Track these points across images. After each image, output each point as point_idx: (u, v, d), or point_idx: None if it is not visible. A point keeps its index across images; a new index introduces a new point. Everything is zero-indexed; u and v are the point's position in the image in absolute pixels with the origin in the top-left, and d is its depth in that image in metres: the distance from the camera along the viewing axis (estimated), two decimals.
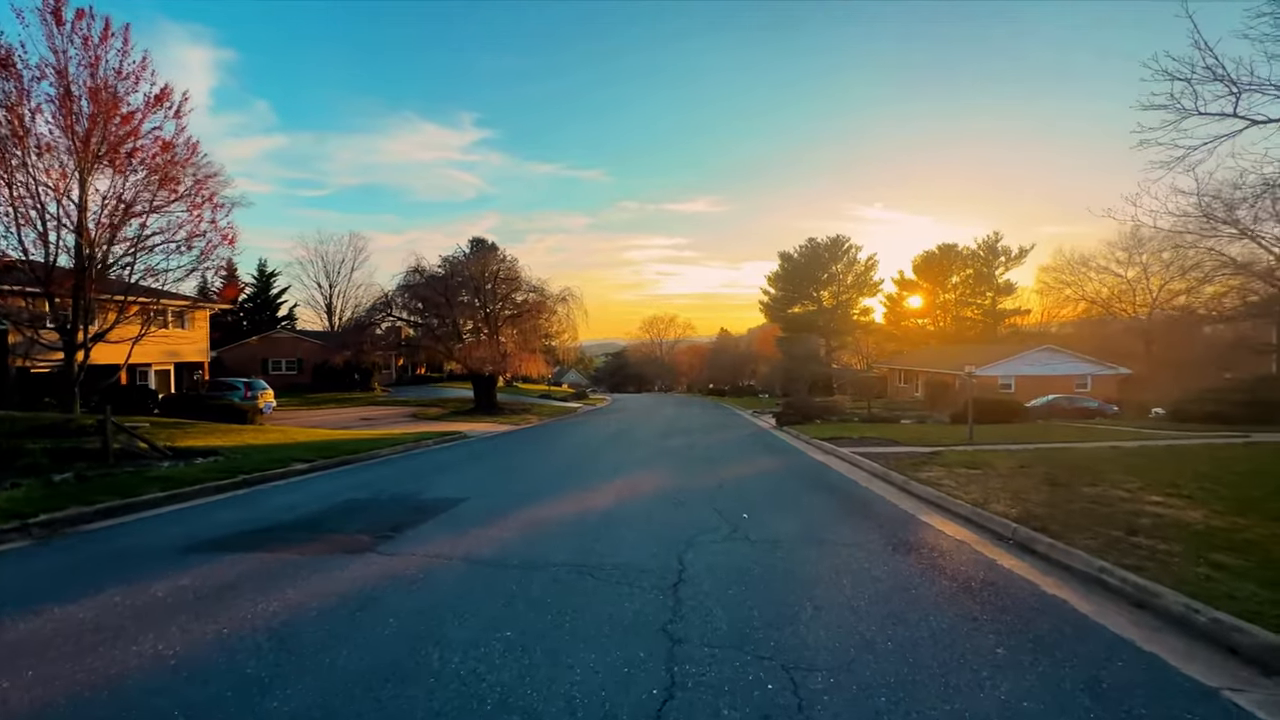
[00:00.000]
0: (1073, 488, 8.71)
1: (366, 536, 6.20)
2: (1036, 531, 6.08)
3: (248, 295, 57.34)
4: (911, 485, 9.35)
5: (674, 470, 11.07)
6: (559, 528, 6.49)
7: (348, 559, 5.32)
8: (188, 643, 3.58)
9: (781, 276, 64.84)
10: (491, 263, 32.68)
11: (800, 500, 8.29)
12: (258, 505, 8.13)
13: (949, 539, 6.21)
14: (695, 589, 4.51)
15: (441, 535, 6.18)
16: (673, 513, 7.30)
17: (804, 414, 23.76)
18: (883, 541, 6.02)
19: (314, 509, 7.73)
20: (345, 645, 3.52)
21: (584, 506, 7.67)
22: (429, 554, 5.44)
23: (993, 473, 9.96)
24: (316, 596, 4.35)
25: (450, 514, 7.27)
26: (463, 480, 10.08)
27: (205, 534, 6.39)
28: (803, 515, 7.24)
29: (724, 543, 5.87)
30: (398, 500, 8.23)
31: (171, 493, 8.78)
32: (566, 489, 9.07)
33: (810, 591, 4.46)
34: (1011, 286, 60.40)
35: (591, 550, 5.55)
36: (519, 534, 6.20)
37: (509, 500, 8.15)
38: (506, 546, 5.71)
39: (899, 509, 7.77)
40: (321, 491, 9.08)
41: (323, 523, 6.92)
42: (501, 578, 4.74)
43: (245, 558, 5.40)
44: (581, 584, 4.60)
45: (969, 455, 12.07)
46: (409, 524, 6.73)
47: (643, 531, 6.33)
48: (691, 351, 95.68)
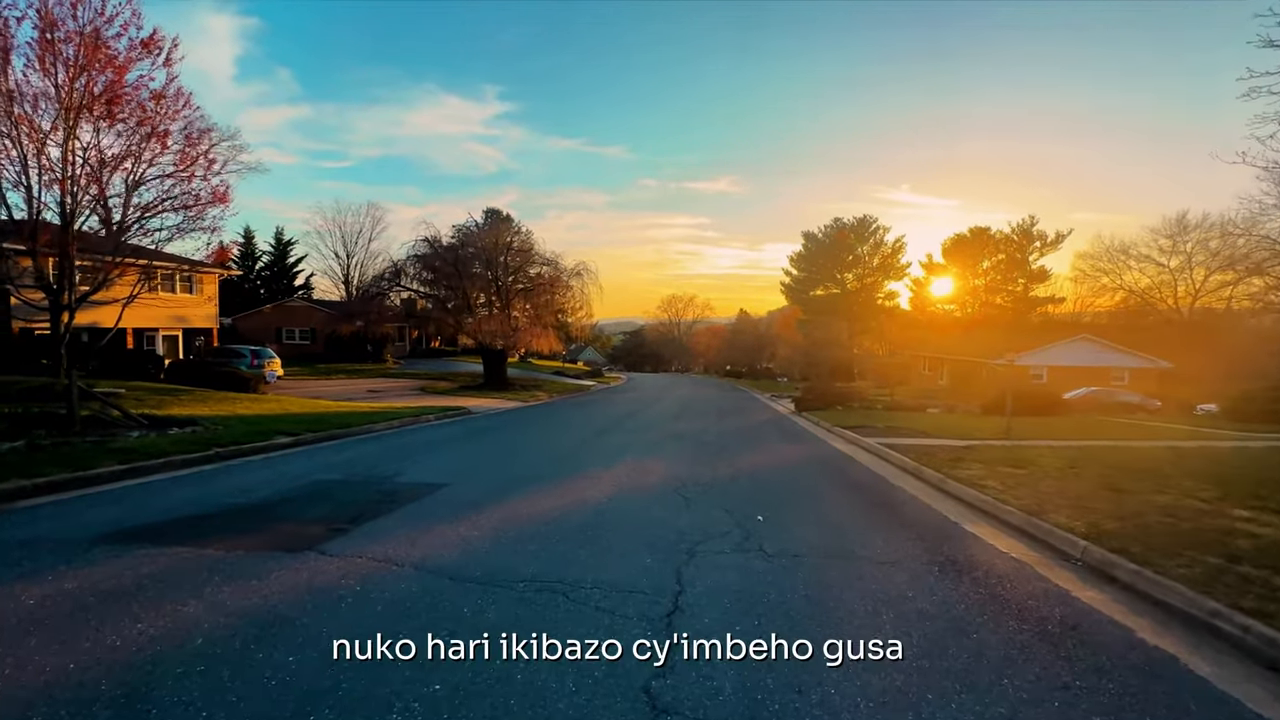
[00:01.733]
0: (1139, 494, 7.58)
1: (318, 528, 5.33)
2: (1114, 553, 5.01)
3: (264, 263, 57.09)
4: (948, 484, 8.29)
5: (683, 458, 10.10)
6: (541, 526, 5.56)
7: (280, 560, 4.44)
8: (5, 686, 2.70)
9: (804, 257, 62.91)
10: (505, 234, 31.62)
11: (823, 499, 7.28)
12: (216, 484, 7.32)
13: (1004, 557, 5.17)
14: (694, 623, 3.54)
15: (403, 531, 5.28)
16: (676, 511, 6.34)
17: (825, 399, 22.62)
18: (925, 558, 5.00)
19: (275, 491, 6.89)
20: (213, 703, 2.61)
21: (576, 499, 6.74)
22: (378, 557, 4.54)
23: (1040, 473, 8.84)
24: (216, 614, 3.46)
25: (422, 503, 6.38)
26: (450, 462, 9.21)
27: (137, 519, 5.57)
28: (827, 519, 6.23)
29: (733, 554, 4.90)
30: (370, 484, 7.37)
31: (130, 466, 8.01)
32: (561, 476, 8.15)
33: (842, 630, 3.47)
34: (1046, 273, 57.88)
35: (573, 560, 4.60)
36: (492, 533, 5.28)
37: (493, 488, 7.25)
38: (473, 550, 4.79)
39: (938, 514, 6.73)
40: (293, 470, 8.26)
41: (276, 509, 6.08)
42: (452, 597, 3.82)
43: (161, 554, 4.54)
44: (551, 610, 3.66)
45: (1009, 451, 10.94)
46: (372, 514, 5.85)
47: (638, 535, 5.37)
48: (710, 332, 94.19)
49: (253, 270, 56.38)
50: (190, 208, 15.04)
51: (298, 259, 57.87)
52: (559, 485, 7.51)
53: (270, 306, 46.55)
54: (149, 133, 14.03)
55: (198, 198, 14.94)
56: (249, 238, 55.99)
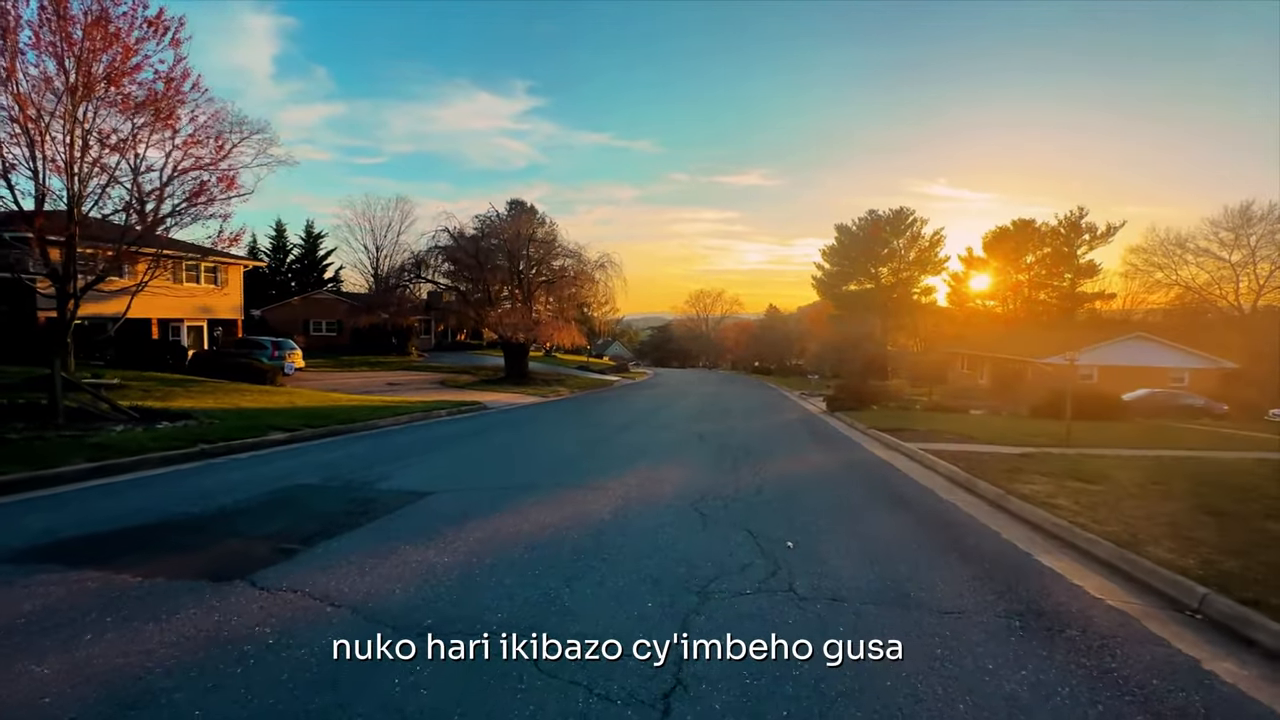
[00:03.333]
0: (1247, 520, 6.38)
1: (265, 548, 4.54)
2: (1247, 605, 3.91)
3: (295, 256, 57.57)
4: (1009, 502, 7.17)
5: (704, 463, 9.13)
6: (526, 552, 4.67)
7: (199, 594, 3.63)
8: None
9: (837, 251, 60.88)
10: (528, 225, 30.88)
11: (863, 518, 6.24)
12: (180, 488, 6.62)
13: (1100, 606, 4.10)
14: (699, 707, 2.60)
15: (360, 553, 4.45)
16: (691, 533, 5.39)
17: (859, 398, 21.33)
18: (1000, 606, 3.96)
19: (240, 497, 6.15)
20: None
21: (574, 515, 5.84)
22: (316, 592, 3.70)
23: (1118, 490, 7.65)
24: (67, 681, 2.65)
25: (397, 516, 5.55)
26: (446, 464, 8.41)
27: (69, 531, 4.86)
28: (870, 546, 5.21)
29: (756, 597, 3.93)
30: (349, 490, 6.59)
31: (100, 464, 7.40)
32: (564, 484, 7.27)
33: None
34: (1095, 268, 54.88)
35: (553, 603, 3.70)
36: (464, 560, 4.41)
37: (484, 498, 6.40)
38: (434, 584, 3.92)
39: (1004, 541, 5.65)
40: (272, 472, 7.54)
41: (231, 521, 5.32)
42: (384, 660, 2.94)
43: (65, 580, 3.78)
44: (508, 686, 2.76)
45: (1074, 462, 9.70)
46: (334, 530, 5.04)
47: (641, 566, 4.45)
48: (738, 328, 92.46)
49: (284, 263, 56.90)
50: (199, 194, 14.57)
51: (327, 252, 58.26)
52: (559, 496, 6.62)
53: (298, 299, 46.86)
54: (154, 115, 13.57)
55: (204, 183, 14.45)
56: (280, 231, 56.58)
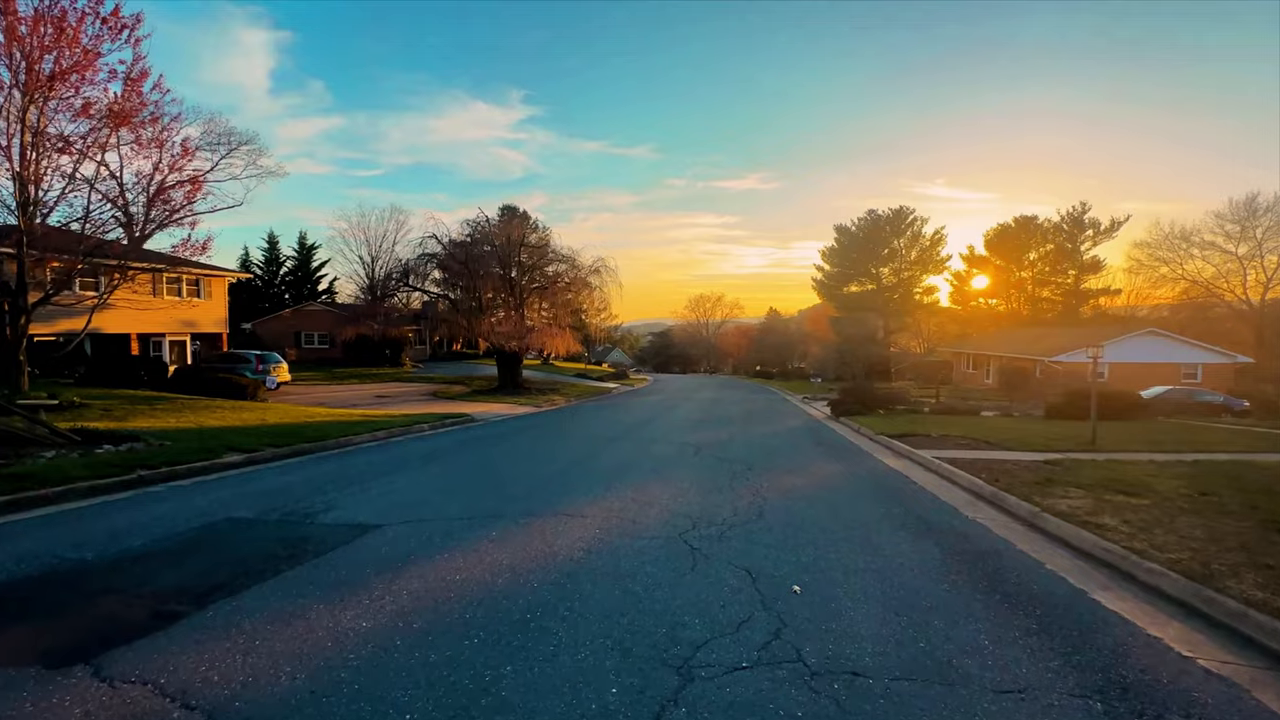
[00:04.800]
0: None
1: (144, 611, 3.65)
2: None
3: (289, 269, 56.75)
4: (1045, 521, 6.26)
5: (697, 481, 8.22)
6: (468, 609, 3.77)
7: (14, 690, 2.74)
8: None
9: (837, 252, 59.98)
10: (520, 230, 30.03)
11: (882, 550, 5.32)
12: (86, 526, 5.71)
13: (1194, 672, 3.19)
14: None
15: (256, 619, 3.55)
16: (676, 574, 4.49)
17: (864, 402, 20.39)
18: (1072, 680, 3.05)
19: (153, 538, 5.26)
20: None
21: (539, 554, 4.94)
22: (171, 687, 2.80)
23: (1167, 503, 6.73)
24: None
25: (324, 561, 4.65)
26: (407, 489, 7.50)
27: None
28: (894, 591, 4.30)
29: (755, 673, 3.03)
30: (284, 525, 5.69)
31: (12, 497, 6.48)
32: (535, 512, 6.36)
33: None
34: (1099, 264, 54.03)
35: (486, 691, 2.79)
36: (385, 626, 3.50)
37: (436, 531, 5.50)
38: (332, 669, 3.01)
39: (1050, 575, 4.74)
40: (205, 504, 6.63)
41: (125, 571, 4.42)
42: None
43: None
44: None
45: (1108, 469, 8.78)
46: (241, 583, 4.14)
47: (611, 627, 3.54)
48: (739, 332, 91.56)
49: (277, 276, 56.06)
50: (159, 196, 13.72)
51: (321, 264, 57.40)
52: (526, 528, 5.71)
53: (289, 311, 45.98)
54: (110, 116, 12.75)
55: (165, 187, 13.60)
56: (273, 243, 55.76)
